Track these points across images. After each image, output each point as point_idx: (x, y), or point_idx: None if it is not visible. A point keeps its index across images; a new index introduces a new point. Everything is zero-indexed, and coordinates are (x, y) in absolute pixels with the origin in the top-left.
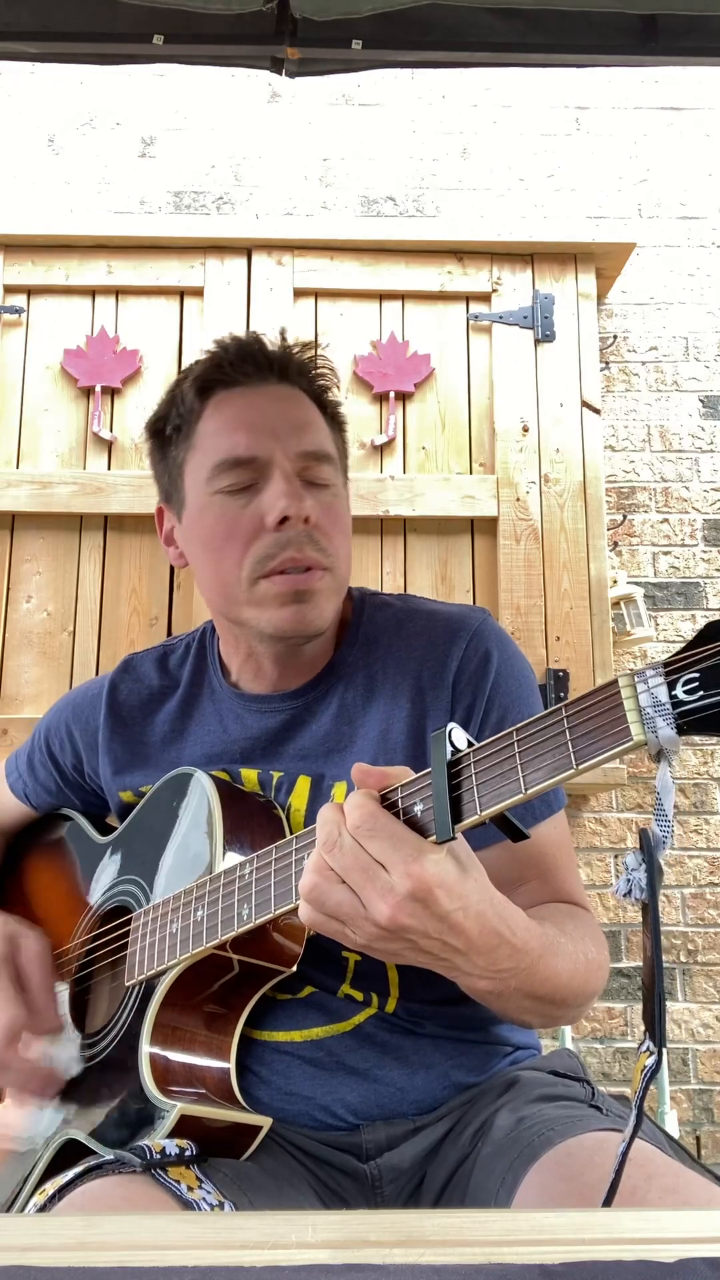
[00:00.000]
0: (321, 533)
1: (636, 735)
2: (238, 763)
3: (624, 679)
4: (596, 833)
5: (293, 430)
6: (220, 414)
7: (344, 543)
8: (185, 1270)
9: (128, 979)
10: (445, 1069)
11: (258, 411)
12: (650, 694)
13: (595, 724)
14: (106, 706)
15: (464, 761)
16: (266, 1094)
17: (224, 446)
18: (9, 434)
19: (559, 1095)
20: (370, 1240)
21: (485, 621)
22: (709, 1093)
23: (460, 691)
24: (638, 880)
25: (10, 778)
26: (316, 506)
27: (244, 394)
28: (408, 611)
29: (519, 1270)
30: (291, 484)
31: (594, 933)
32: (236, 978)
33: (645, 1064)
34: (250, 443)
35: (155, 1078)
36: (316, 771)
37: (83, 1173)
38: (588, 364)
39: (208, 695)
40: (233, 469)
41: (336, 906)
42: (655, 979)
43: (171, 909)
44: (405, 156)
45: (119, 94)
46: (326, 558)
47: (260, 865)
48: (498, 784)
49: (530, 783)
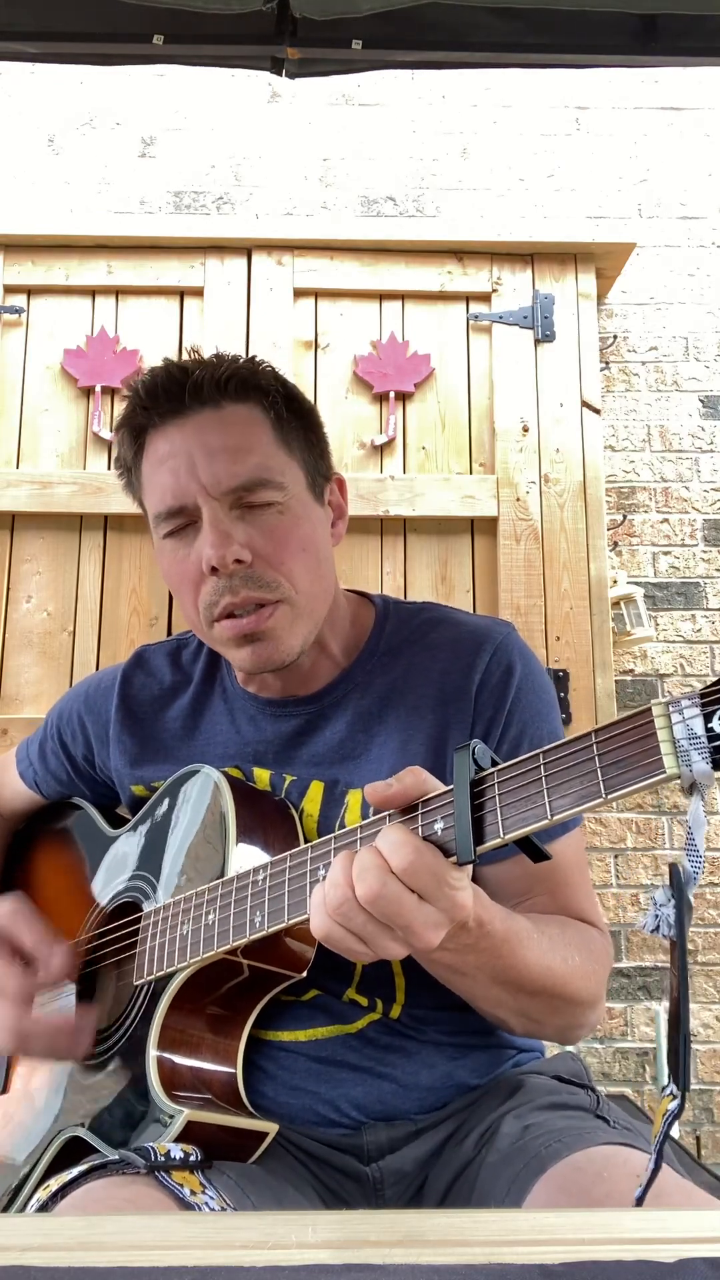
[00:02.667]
0: (265, 563)
1: (670, 768)
2: (250, 763)
3: (658, 708)
4: (596, 833)
5: (217, 463)
6: (151, 458)
7: (300, 562)
8: (185, 1270)
9: (135, 978)
10: (448, 1070)
11: (178, 452)
12: (685, 725)
13: (626, 753)
14: (119, 698)
15: (487, 781)
16: (271, 1089)
17: (155, 497)
18: (9, 434)
19: (565, 1104)
20: (370, 1240)
21: (510, 635)
22: (709, 1093)
23: (482, 704)
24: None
25: (21, 765)
26: (258, 537)
27: (167, 433)
28: (432, 621)
29: (519, 1270)
30: (216, 530)
31: (591, 946)
32: (246, 982)
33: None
34: (174, 490)
35: (162, 1082)
36: (330, 777)
37: (86, 1171)
38: (588, 364)
39: (219, 694)
40: (167, 519)
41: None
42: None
43: (183, 910)
44: (405, 156)
45: (119, 94)
46: (272, 590)
47: (275, 872)
48: (522, 807)
49: (556, 809)
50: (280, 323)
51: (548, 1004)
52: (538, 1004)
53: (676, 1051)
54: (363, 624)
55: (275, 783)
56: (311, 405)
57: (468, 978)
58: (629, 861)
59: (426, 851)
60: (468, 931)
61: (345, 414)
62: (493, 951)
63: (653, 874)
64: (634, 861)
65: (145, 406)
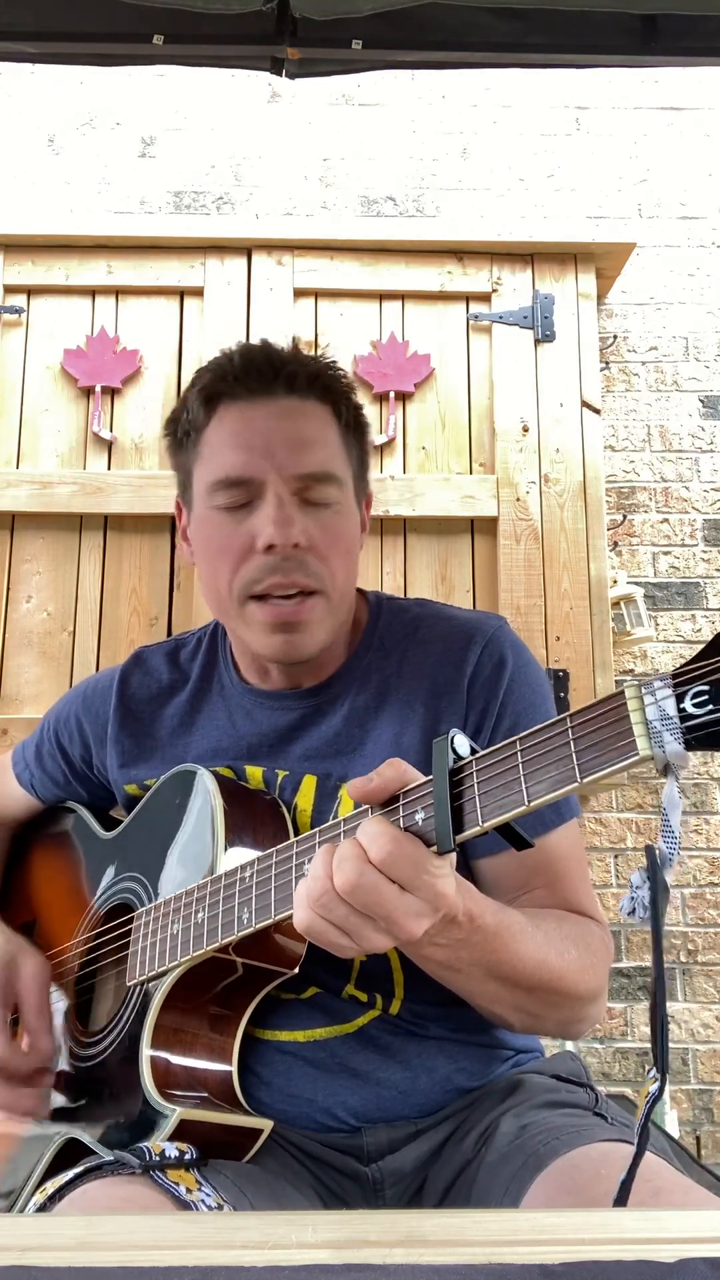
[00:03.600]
0: (316, 555)
1: (643, 750)
2: (243, 759)
3: (630, 690)
4: (596, 833)
5: (293, 450)
6: (222, 428)
7: (342, 562)
8: (185, 1270)
9: (129, 979)
10: (447, 1072)
11: (257, 429)
12: (658, 706)
13: (600, 736)
14: (117, 698)
15: (466, 770)
16: (268, 1095)
17: (221, 465)
18: (9, 434)
19: (563, 1102)
20: (370, 1240)
21: (501, 628)
22: (709, 1093)
23: (474, 697)
24: (641, 899)
25: (17, 768)
26: (314, 528)
27: (246, 408)
28: (424, 616)
29: (519, 1270)
30: (282, 509)
31: (590, 939)
32: (239, 979)
33: (649, 1090)
34: (245, 463)
35: (156, 1081)
36: (323, 771)
37: (82, 1173)
38: (588, 364)
39: (217, 691)
40: (228, 488)
41: (355, 930)
42: (658, 1002)
43: (172, 909)
44: (405, 156)
45: (119, 94)
46: (317, 581)
47: (261, 869)
48: (500, 794)
49: (533, 794)
50: (280, 323)
51: (546, 998)
52: (535, 999)
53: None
54: (357, 619)
55: (268, 779)
56: (369, 422)
57: (462, 974)
58: (629, 861)
59: (405, 841)
60: (458, 926)
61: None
62: (485, 946)
63: None
64: (634, 861)
65: (235, 377)
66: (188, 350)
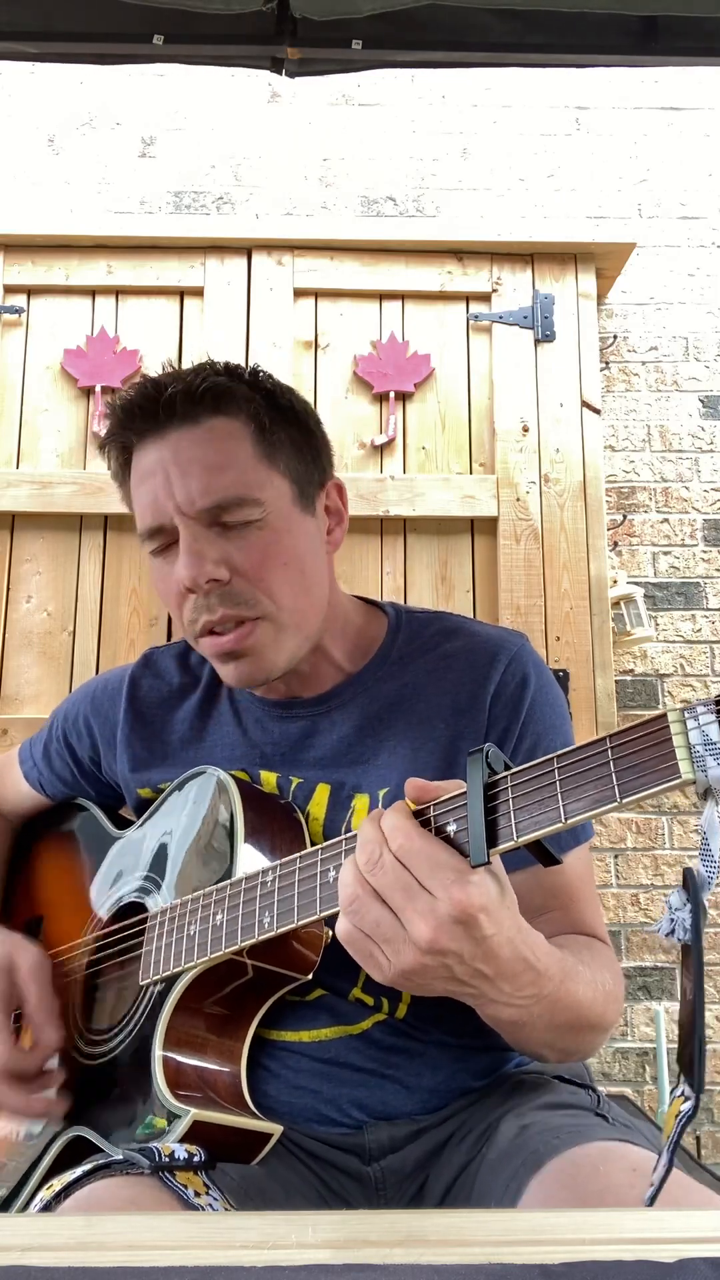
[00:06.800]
0: (246, 580)
1: (685, 774)
2: (257, 765)
3: (674, 714)
4: (596, 833)
5: (191, 482)
6: (135, 477)
7: (284, 576)
8: (185, 1270)
9: (142, 978)
10: (451, 1072)
11: (157, 473)
12: (701, 731)
13: (641, 758)
14: (126, 701)
15: (501, 784)
16: (275, 1088)
17: (139, 516)
18: (9, 434)
19: (564, 1103)
20: (370, 1240)
21: (524, 646)
22: (709, 1093)
23: (496, 715)
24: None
25: (24, 766)
26: (237, 554)
27: (144, 453)
28: (446, 631)
29: (519, 1270)
30: (190, 551)
31: (610, 965)
32: (251, 983)
33: (681, 1109)
34: (154, 511)
35: (168, 1081)
36: (336, 780)
37: (90, 1171)
38: (588, 364)
39: (226, 697)
40: (149, 538)
41: (375, 925)
42: (695, 1022)
43: (190, 910)
44: (405, 156)
45: (119, 94)
46: (250, 607)
47: (284, 873)
48: (536, 811)
49: (570, 812)
50: (280, 323)
51: (585, 1036)
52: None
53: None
54: (373, 633)
55: (282, 785)
56: (305, 409)
57: (527, 1027)
58: (629, 861)
59: (422, 838)
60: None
61: (345, 414)
62: (551, 999)
63: (652, 874)
64: (634, 861)
65: (126, 424)
66: (188, 350)
